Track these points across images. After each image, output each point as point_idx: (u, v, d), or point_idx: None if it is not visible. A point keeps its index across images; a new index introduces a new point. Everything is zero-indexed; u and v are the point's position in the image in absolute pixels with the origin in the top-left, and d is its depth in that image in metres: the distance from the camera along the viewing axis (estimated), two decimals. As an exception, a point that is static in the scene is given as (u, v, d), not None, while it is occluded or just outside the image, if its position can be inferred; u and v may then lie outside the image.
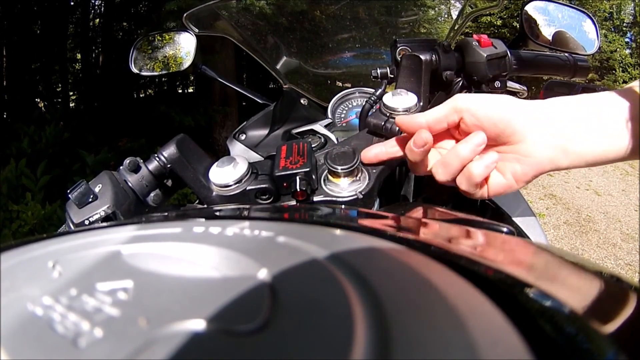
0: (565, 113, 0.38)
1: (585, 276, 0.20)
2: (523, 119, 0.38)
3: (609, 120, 0.36)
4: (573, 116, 0.37)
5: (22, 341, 0.12)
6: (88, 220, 0.42)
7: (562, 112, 0.38)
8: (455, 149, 0.40)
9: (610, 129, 0.36)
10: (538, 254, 0.24)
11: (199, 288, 0.15)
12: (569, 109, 0.38)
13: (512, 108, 0.39)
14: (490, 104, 0.39)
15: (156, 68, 0.96)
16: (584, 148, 0.37)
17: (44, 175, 2.54)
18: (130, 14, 5.74)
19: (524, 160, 0.38)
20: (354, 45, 1.04)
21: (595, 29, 0.74)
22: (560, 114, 0.38)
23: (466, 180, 0.40)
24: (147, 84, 6.60)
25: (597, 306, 0.16)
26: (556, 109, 0.38)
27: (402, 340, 0.11)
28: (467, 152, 0.39)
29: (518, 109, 0.38)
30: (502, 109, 0.39)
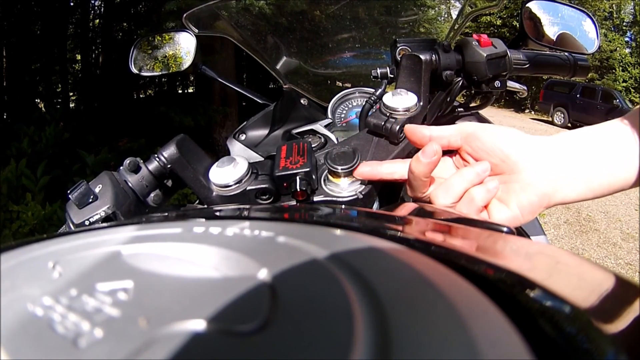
0: (570, 144, 0.38)
1: (585, 276, 0.20)
2: (528, 148, 0.38)
3: (615, 151, 0.36)
4: (578, 147, 0.38)
5: (22, 341, 0.12)
6: (88, 220, 0.42)
7: (567, 143, 0.38)
8: (460, 172, 0.40)
9: (617, 160, 0.36)
10: (538, 253, 0.24)
11: (199, 288, 0.15)
12: (575, 140, 0.38)
13: (518, 137, 0.39)
14: (496, 131, 0.40)
15: (156, 68, 0.96)
16: (590, 179, 0.37)
17: (44, 176, 2.54)
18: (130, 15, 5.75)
19: (528, 188, 0.38)
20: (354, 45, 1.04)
21: (595, 28, 0.74)
22: (565, 145, 0.38)
23: (467, 205, 0.40)
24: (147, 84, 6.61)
25: (597, 306, 0.16)
26: (561, 140, 0.39)
27: (402, 340, 0.11)
28: (472, 176, 0.39)
29: (523, 138, 0.39)
30: (507, 137, 0.39)
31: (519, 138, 0.39)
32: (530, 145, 0.38)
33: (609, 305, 0.17)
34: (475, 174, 0.39)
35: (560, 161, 0.37)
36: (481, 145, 0.39)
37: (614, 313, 0.16)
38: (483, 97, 0.69)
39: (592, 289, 0.18)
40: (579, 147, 0.38)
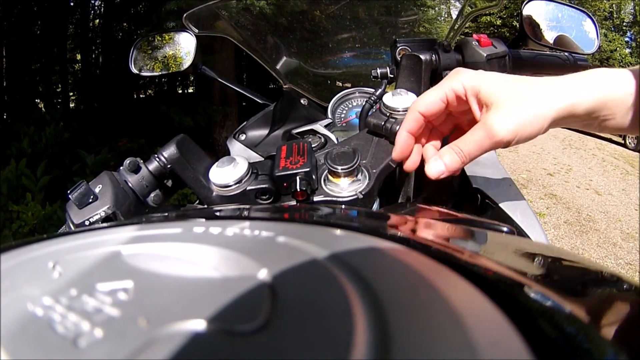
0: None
1: (586, 276, 0.20)
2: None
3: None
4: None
5: (22, 341, 0.12)
6: (88, 220, 0.42)
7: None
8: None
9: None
10: (538, 253, 0.24)
11: (199, 288, 0.15)
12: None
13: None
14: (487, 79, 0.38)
15: (156, 68, 0.96)
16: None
17: (44, 176, 2.55)
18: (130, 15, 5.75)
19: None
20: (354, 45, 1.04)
21: (595, 28, 0.74)
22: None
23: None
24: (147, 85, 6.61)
25: (598, 306, 0.16)
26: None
27: (402, 340, 0.11)
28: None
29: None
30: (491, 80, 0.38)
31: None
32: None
33: (609, 305, 0.17)
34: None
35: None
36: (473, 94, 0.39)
37: (614, 313, 0.16)
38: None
39: (592, 288, 0.18)
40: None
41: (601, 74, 0.37)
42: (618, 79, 0.36)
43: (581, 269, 0.21)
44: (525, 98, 0.36)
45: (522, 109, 0.36)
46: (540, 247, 0.27)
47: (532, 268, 0.20)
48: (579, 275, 0.21)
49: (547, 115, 0.35)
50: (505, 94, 0.36)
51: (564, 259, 0.23)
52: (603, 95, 0.36)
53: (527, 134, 0.36)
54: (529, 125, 0.36)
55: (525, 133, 0.36)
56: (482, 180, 0.67)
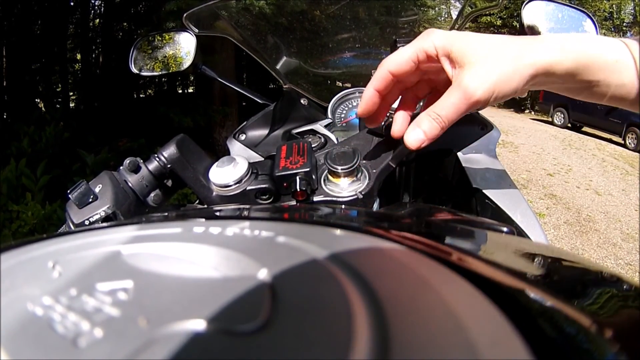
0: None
1: (586, 276, 0.20)
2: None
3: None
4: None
5: (22, 341, 0.12)
6: (88, 220, 0.42)
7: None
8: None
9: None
10: (538, 253, 0.24)
11: (199, 288, 0.15)
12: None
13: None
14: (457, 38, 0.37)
15: (156, 68, 0.96)
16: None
17: (43, 175, 2.54)
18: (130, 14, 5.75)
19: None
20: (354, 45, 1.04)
21: (595, 28, 0.74)
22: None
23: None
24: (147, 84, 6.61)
25: (597, 306, 0.16)
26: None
27: (402, 340, 0.11)
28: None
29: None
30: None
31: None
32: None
33: (609, 305, 0.17)
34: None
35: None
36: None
37: (614, 313, 0.16)
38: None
39: (592, 289, 0.18)
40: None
41: (586, 37, 0.36)
42: (607, 45, 0.36)
43: (581, 269, 0.21)
44: (498, 54, 0.35)
45: (496, 66, 0.34)
46: (540, 247, 0.27)
47: (532, 268, 0.20)
48: (578, 275, 0.21)
49: (523, 72, 0.34)
50: (478, 51, 0.35)
51: (563, 259, 0.23)
52: (584, 57, 0.35)
53: (504, 91, 0.35)
54: (506, 83, 0.34)
55: (502, 91, 0.35)
56: (482, 180, 0.67)
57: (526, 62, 0.34)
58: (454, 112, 0.36)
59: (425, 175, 0.81)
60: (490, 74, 0.34)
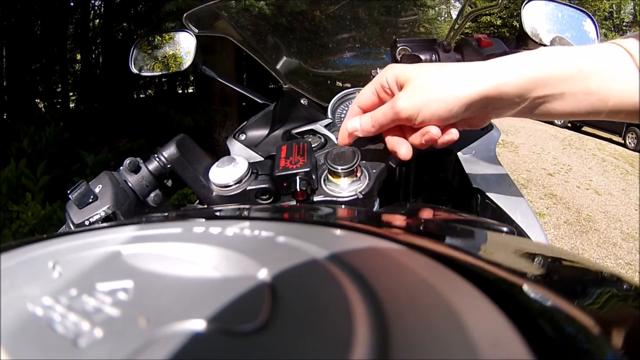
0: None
1: (586, 276, 0.20)
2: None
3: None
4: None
5: (22, 341, 0.12)
6: (88, 220, 0.42)
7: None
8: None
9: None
10: (538, 253, 0.24)
11: (199, 288, 0.15)
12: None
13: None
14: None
15: (156, 68, 0.96)
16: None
17: (44, 176, 2.54)
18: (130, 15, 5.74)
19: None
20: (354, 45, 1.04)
21: (595, 28, 0.74)
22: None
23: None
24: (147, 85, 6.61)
25: (598, 306, 0.16)
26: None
27: (402, 340, 0.11)
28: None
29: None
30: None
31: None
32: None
33: (609, 305, 0.17)
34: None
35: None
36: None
37: (614, 313, 0.16)
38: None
39: (592, 289, 0.18)
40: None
41: (543, 52, 0.37)
42: (568, 56, 0.36)
43: (581, 269, 0.21)
44: (431, 80, 0.38)
45: (426, 90, 0.38)
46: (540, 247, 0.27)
47: (532, 268, 0.20)
48: (579, 275, 0.21)
49: (457, 97, 0.37)
50: (415, 76, 0.39)
51: (563, 259, 0.23)
52: (535, 73, 0.36)
53: (432, 112, 0.38)
54: (432, 105, 0.38)
55: (429, 112, 0.38)
56: (482, 180, 0.67)
57: (465, 89, 0.37)
58: (383, 118, 0.41)
59: (425, 175, 0.81)
60: (416, 95, 0.39)
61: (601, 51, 0.36)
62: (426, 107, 0.38)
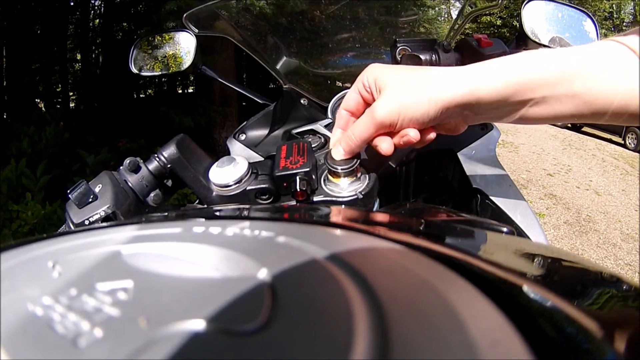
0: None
1: (585, 276, 0.20)
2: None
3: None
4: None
5: (22, 341, 0.12)
6: (88, 220, 0.42)
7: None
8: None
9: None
10: (538, 254, 0.24)
11: (199, 288, 0.15)
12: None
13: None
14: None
15: (156, 68, 0.96)
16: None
17: (43, 175, 2.54)
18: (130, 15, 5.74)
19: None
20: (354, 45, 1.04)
21: (595, 28, 0.74)
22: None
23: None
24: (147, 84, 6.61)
25: (597, 306, 0.16)
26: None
27: (402, 340, 0.11)
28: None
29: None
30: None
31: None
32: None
33: (608, 306, 0.17)
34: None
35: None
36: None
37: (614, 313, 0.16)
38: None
39: (591, 289, 0.18)
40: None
41: (519, 56, 0.36)
42: (550, 58, 0.35)
43: (581, 269, 0.21)
44: (408, 84, 0.38)
45: (402, 95, 0.38)
46: (539, 247, 0.27)
47: (531, 268, 0.20)
48: (578, 275, 0.21)
49: (432, 101, 0.37)
50: (393, 81, 0.39)
51: (563, 260, 0.23)
52: (514, 77, 0.35)
53: (410, 116, 0.38)
54: (410, 109, 0.37)
55: (407, 116, 0.38)
56: (482, 180, 0.67)
57: (433, 96, 0.37)
58: (365, 130, 0.40)
59: (425, 175, 0.81)
60: (395, 101, 0.38)
61: (594, 51, 0.35)
62: (404, 112, 0.38)
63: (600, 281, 0.20)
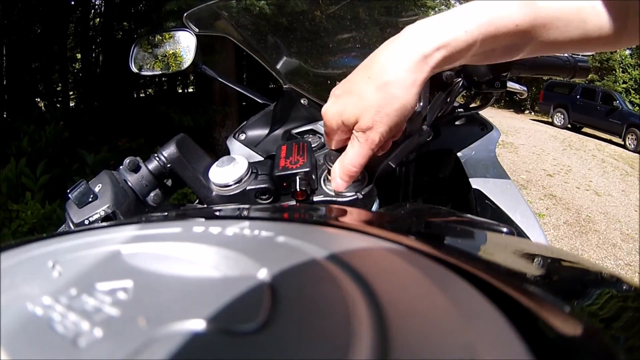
0: None
1: (585, 276, 0.20)
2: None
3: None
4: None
5: (21, 341, 0.12)
6: (88, 219, 0.42)
7: None
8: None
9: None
10: (538, 254, 0.24)
11: (198, 288, 0.15)
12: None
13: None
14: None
15: (156, 67, 0.96)
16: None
17: (43, 175, 2.54)
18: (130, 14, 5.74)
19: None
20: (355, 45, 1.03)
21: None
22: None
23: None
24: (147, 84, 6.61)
25: (597, 306, 0.16)
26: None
27: (402, 340, 0.11)
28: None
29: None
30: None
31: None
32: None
33: (608, 306, 0.17)
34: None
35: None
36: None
37: (614, 313, 0.16)
38: (483, 97, 0.69)
39: (591, 289, 0.18)
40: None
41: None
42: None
43: (581, 269, 0.21)
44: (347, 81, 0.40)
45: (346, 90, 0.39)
46: (539, 247, 0.27)
47: (531, 269, 0.20)
48: (578, 276, 0.21)
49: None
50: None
51: (563, 260, 0.23)
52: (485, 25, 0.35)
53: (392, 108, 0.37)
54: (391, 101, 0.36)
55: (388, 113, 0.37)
56: (481, 180, 0.67)
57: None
58: (360, 157, 0.39)
59: (425, 175, 0.81)
60: (373, 110, 0.37)
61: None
62: (382, 113, 0.37)
63: (600, 281, 0.20)
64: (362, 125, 0.37)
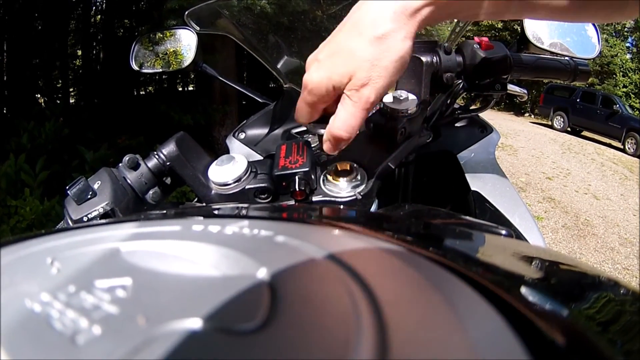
0: None
1: (583, 280, 0.20)
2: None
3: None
4: None
5: (20, 338, 0.12)
6: (86, 216, 0.42)
7: None
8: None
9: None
10: (536, 257, 0.24)
11: (198, 286, 0.15)
12: None
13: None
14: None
15: (157, 65, 0.96)
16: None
17: (42, 171, 2.54)
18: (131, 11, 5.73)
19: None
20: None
21: (596, 33, 0.74)
22: None
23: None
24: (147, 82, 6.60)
25: (594, 309, 0.16)
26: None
27: (401, 340, 0.11)
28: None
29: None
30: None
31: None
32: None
33: (606, 309, 0.17)
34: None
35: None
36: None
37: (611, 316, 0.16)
38: (483, 100, 0.69)
39: (589, 292, 0.19)
40: None
41: None
42: None
43: (579, 273, 0.21)
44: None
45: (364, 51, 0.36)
46: (538, 250, 0.27)
47: (529, 271, 0.20)
48: (576, 279, 0.21)
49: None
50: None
51: (561, 263, 0.23)
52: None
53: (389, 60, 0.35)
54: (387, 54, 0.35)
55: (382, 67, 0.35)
56: (480, 183, 0.67)
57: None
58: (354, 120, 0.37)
59: (424, 177, 0.81)
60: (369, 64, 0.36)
61: None
62: (378, 68, 0.36)
63: (598, 285, 0.20)
64: (357, 82, 0.36)
